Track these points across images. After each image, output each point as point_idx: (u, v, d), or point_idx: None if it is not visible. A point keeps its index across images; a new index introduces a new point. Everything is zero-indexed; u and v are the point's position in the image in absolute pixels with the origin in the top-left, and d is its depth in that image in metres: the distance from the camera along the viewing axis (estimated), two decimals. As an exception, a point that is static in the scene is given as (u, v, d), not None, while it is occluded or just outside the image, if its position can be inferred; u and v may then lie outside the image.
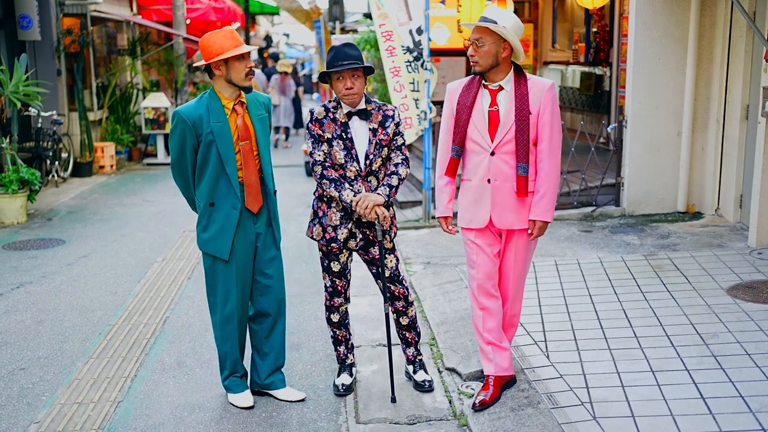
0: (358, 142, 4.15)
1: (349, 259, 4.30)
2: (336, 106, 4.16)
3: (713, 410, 3.73)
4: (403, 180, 4.23)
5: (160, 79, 16.45)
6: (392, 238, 4.30)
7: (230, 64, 3.98)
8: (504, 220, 3.99)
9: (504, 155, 3.92)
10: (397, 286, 4.30)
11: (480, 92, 3.97)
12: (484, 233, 4.05)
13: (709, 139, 7.82)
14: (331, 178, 4.12)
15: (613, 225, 7.64)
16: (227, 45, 3.95)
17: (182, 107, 4.04)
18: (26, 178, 8.91)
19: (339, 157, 4.12)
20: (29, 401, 4.41)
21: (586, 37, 12.48)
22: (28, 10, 11.09)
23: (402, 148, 4.24)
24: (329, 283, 4.32)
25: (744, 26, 7.11)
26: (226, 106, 4.05)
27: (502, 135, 3.90)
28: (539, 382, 4.20)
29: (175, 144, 4.04)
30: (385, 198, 4.08)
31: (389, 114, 4.21)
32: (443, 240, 7.31)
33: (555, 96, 3.95)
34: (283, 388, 4.37)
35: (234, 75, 4.00)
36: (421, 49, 7.67)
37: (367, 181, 4.16)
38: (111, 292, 6.38)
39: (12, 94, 9.29)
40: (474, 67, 3.90)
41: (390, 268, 4.27)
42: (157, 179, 12.29)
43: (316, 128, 4.15)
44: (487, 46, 3.84)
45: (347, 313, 4.44)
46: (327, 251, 4.26)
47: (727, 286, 5.50)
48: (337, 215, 4.17)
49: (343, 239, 4.18)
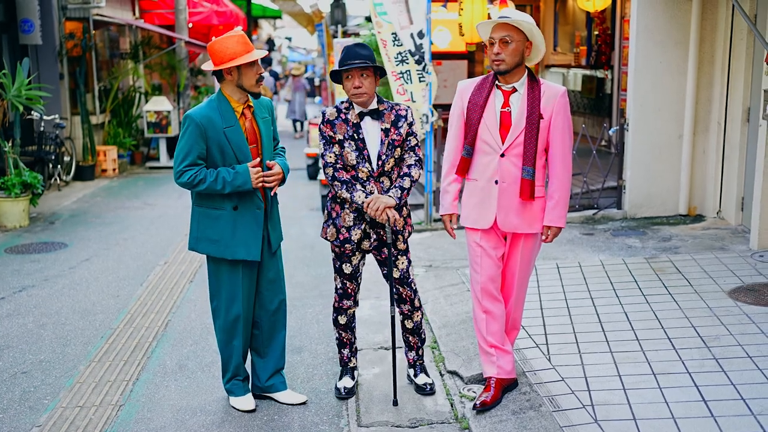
0: (370, 142, 4.13)
1: (361, 262, 4.29)
2: (348, 107, 4.15)
3: (715, 413, 3.73)
4: (416, 181, 4.21)
5: (163, 82, 16.47)
6: (405, 239, 4.28)
7: (242, 70, 3.96)
8: (509, 222, 3.98)
9: (513, 157, 3.91)
10: (405, 288, 4.30)
11: (493, 92, 3.95)
12: (489, 235, 4.04)
13: (711, 141, 7.82)
14: (342, 179, 4.11)
15: (614, 228, 7.64)
16: (239, 50, 3.92)
17: (193, 110, 4.00)
18: (29, 181, 8.93)
19: (351, 158, 4.11)
20: (31, 405, 4.42)
21: (587, 40, 12.49)
22: (30, 14, 11.11)
23: (415, 149, 4.22)
24: (340, 285, 4.32)
25: (745, 29, 7.11)
26: (236, 110, 4.04)
27: (513, 137, 3.90)
28: (541, 385, 4.20)
29: (184, 146, 3.97)
30: (396, 200, 4.07)
31: (402, 114, 4.19)
32: (445, 243, 7.31)
33: (567, 102, 3.95)
34: (284, 390, 4.37)
35: (245, 81, 3.98)
36: (423, 53, 7.68)
37: (379, 182, 4.15)
38: (113, 295, 6.39)
39: (14, 98, 9.30)
40: (498, 66, 3.84)
41: (401, 269, 4.26)
42: (159, 183, 12.31)
43: (328, 130, 4.14)
44: (515, 44, 3.81)
45: (354, 316, 4.44)
46: (340, 253, 4.25)
47: (729, 288, 5.50)
48: (351, 216, 4.17)
49: (357, 240, 4.18)
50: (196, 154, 3.96)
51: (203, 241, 4.11)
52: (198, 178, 3.95)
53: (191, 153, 3.96)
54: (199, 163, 3.98)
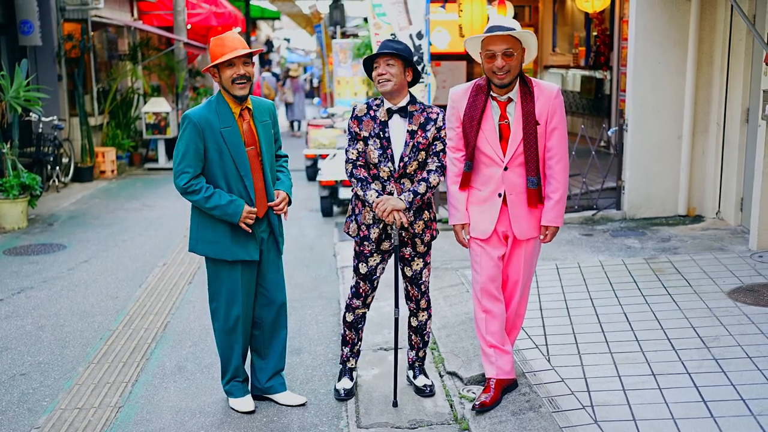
0: (395, 142, 4.10)
1: (379, 266, 4.25)
2: (379, 104, 4.13)
3: (714, 413, 3.72)
4: (434, 188, 4.13)
5: (161, 84, 16.47)
6: (426, 242, 4.23)
7: (220, 71, 3.95)
8: (526, 231, 3.98)
9: (517, 168, 3.90)
10: (413, 288, 4.30)
11: (489, 104, 3.90)
12: (490, 237, 4.04)
13: (710, 142, 7.82)
14: (359, 177, 4.10)
15: (614, 228, 7.64)
16: (217, 52, 3.91)
17: (192, 110, 4.00)
18: (27, 183, 8.92)
19: (374, 156, 4.09)
20: (30, 407, 4.41)
21: (586, 40, 12.51)
22: (29, 15, 11.11)
23: (440, 155, 4.12)
24: (354, 283, 4.33)
25: (744, 30, 7.12)
26: (233, 111, 4.03)
27: (513, 149, 3.87)
28: (540, 385, 4.20)
29: (182, 146, 3.97)
30: (406, 204, 4.02)
31: (432, 117, 4.12)
32: (444, 244, 7.30)
33: (562, 101, 3.94)
34: (283, 391, 4.36)
35: (223, 82, 3.97)
36: (422, 54, 7.68)
37: (399, 183, 4.11)
38: (112, 296, 6.38)
39: (13, 100, 9.30)
40: (503, 79, 3.78)
41: (414, 270, 4.26)
42: (158, 184, 12.30)
43: (355, 126, 4.13)
44: (517, 55, 3.79)
45: (363, 318, 4.42)
46: (359, 251, 4.25)
47: (728, 289, 5.50)
48: (371, 214, 4.16)
49: (375, 239, 4.17)
50: (194, 153, 3.96)
51: (202, 243, 4.11)
52: (193, 188, 3.97)
53: (189, 152, 3.96)
54: (198, 168, 3.98)
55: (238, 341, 4.22)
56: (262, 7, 24.93)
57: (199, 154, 3.97)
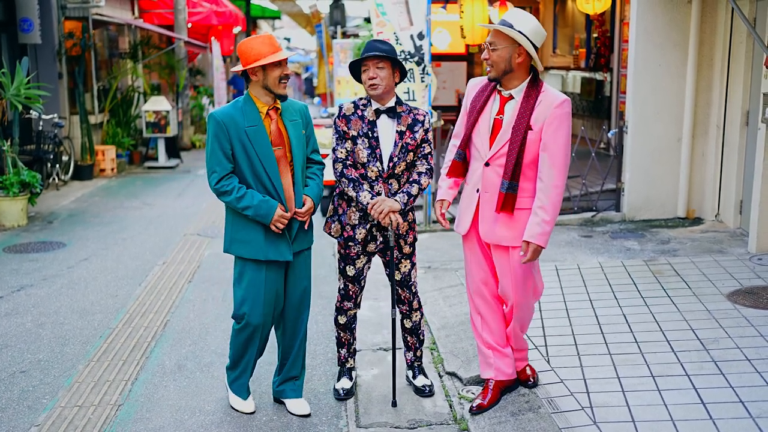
0: (384, 142, 4.10)
1: (365, 266, 4.27)
2: (365, 104, 4.13)
3: (713, 415, 3.73)
4: (424, 190, 4.17)
5: (162, 82, 16.48)
6: (409, 243, 4.24)
7: (267, 71, 3.94)
8: (492, 233, 3.86)
9: (497, 167, 3.79)
10: (404, 291, 4.30)
11: (492, 97, 3.87)
12: (470, 241, 4.01)
13: (710, 144, 7.84)
14: (350, 177, 4.09)
15: (613, 230, 7.65)
16: (265, 51, 3.90)
17: (217, 110, 4.00)
18: (27, 180, 8.92)
19: (362, 156, 4.08)
20: (29, 404, 4.41)
21: (586, 42, 12.52)
22: (29, 13, 11.10)
23: (428, 157, 4.16)
24: (342, 286, 4.32)
25: (744, 32, 7.13)
26: (260, 111, 4.01)
27: (497, 147, 3.78)
28: (540, 386, 4.21)
29: (209, 146, 3.97)
30: (401, 205, 4.04)
31: (420, 119, 4.14)
32: (444, 244, 7.31)
33: (565, 113, 3.70)
34: (293, 398, 4.29)
35: (269, 81, 3.95)
36: (423, 54, 7.69)
37: (387, 184, 4.12)
38: (112, 295, 6.39)
39: (13, 97, 9.30)
40: (489, 73, 3.79)
41: (402, 272, 4.25)
42: (157, 182, 12.30)
43: (342, 125, 4.12)
44: (500, 50, 3.70)
45: (355, 318, 4.43)
46: (344, 254, 4.24)
47: (728, 291, 5.51)
48: (356, 215, 4.15)
49: (361, 239, 4.17)
50: (220, 152, 3.94)
51: (236, 243, 4.07)
52: (225, 188, 3.95)
53: (215, 151, 3.95)
54: (226, 167, 3.95)
55: (254, 345, 4.17)
56: (263, 7, 24.93)
57: (225, 152, 3.95)
